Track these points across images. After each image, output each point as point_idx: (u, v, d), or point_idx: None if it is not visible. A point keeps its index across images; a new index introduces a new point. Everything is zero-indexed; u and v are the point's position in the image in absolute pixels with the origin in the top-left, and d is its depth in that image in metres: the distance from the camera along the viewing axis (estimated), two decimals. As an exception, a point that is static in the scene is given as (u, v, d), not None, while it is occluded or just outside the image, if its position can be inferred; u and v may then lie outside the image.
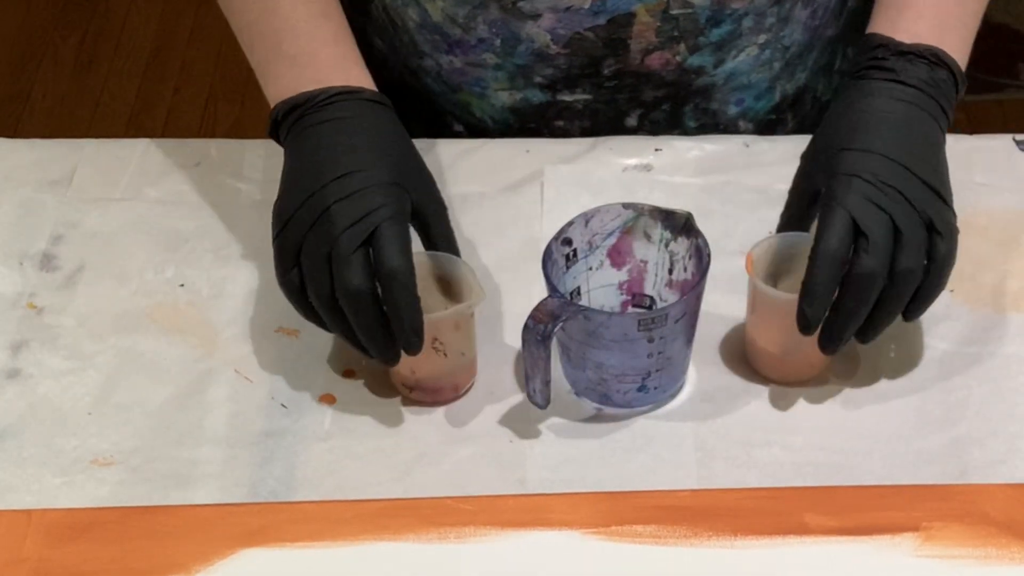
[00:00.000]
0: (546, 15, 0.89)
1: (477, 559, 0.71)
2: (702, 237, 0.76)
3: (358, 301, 0.74)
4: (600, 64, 0.91)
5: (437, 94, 0.96)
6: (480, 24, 0.91)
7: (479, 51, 0.92)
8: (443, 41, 0.92)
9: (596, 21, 0.89)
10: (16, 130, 2.13)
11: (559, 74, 0.92)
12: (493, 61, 0.92)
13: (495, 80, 0.94)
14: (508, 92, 0.94)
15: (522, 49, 0.91)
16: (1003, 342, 0.81)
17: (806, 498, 0.73)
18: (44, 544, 0.71)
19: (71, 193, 0.91)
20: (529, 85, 0.93)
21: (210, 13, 2.39)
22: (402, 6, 0.93)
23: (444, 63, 0.94)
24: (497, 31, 0.91)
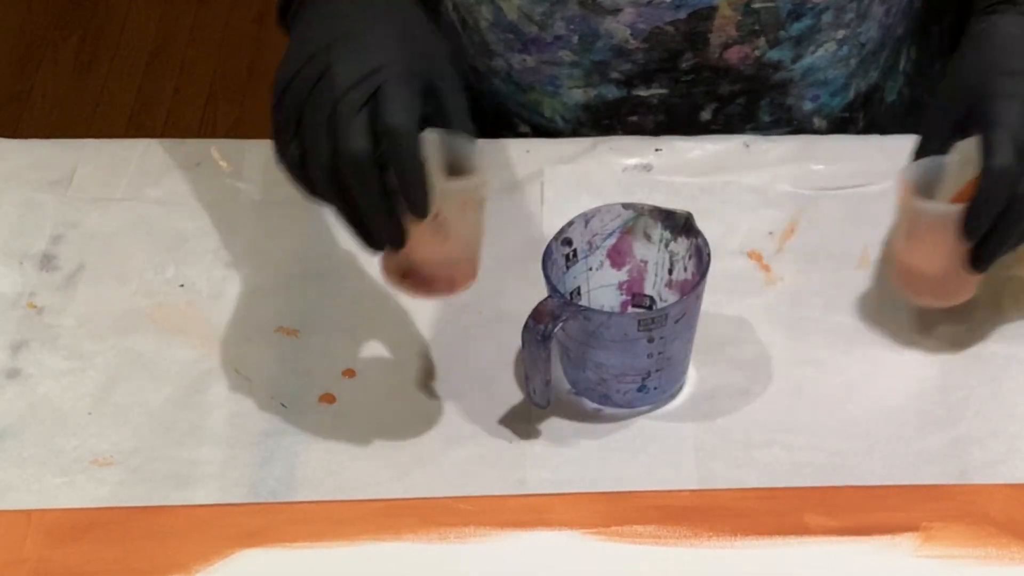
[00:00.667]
0: (627, 10, 0.89)
1: (477, 559, 0.71)
2: (702, 237, 0.76)
3: (358, 166, 0.69)
4: (678, 58, 0.91)
5: (505, 95, 0.96)
6: (558, 21, 0.90)
7: (555, 49, 0.92)
8: (516, 40, 0.92)
9: (677, 15, 0.89)
10: (16, 130, 2.12)
11: (636, 69, 0.92)
12: (569, 58, 0.92)
13: (569, 78, 0.93)
14: (582, 89, 0.94)
15: (600, 45, 0.91)
16: (1003, 342, 0.81)
17: (806, 498, 0.73)
18: (44, 544, 0.71)
19: (71, 193, 0.91)
20: (604, 81, 0.93)
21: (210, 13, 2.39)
22: (475, 4, 0.92)
23: (516, 62, 0.94)
24: (575, 27, 0.90)
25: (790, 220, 0.88)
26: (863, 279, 0.84)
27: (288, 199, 0.90)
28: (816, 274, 0.85)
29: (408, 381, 0.80)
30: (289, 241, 0.88)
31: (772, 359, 0.80)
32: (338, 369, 0.81)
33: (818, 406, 0.78)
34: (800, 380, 0.79)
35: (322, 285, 0.85)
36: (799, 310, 0.83)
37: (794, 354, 0.81)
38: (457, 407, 0.79)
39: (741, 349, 0.81)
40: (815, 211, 0.88)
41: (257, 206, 0.90)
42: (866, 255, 0.86)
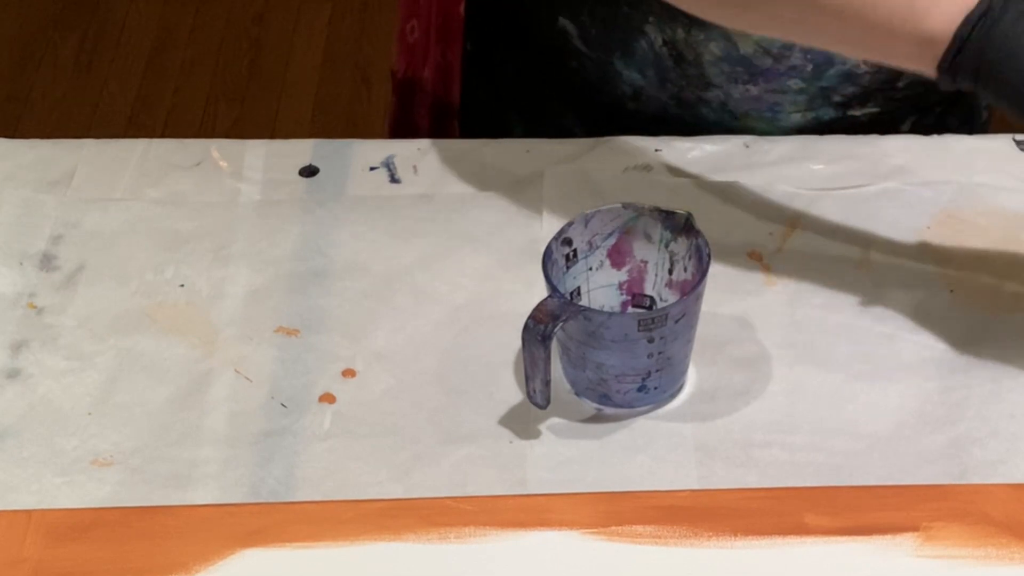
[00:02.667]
0: None
1: (477, 559, 0.71)
2: (702, 237, 0.76)
3: None
4: (899, 78, 0.93)
5: (711, 123, 0.96)
6: (795, 52, 0.91)
7: (786, 78, 0.93)
8: (745, 72, 0.93)
9: None
10: (16, 130, 2.12)
11: (858, 91, 0.93)
12: (797, 87, 0.93)
13: (792, 104, 0.94)
14: (802, 113, 0.95)
15: (831, 72, 0.92)
16: (1003, 342, 0.81)
17: (806, 498, 0.73)
18: (44, 544, 0.71)
19: (71, 193, 0.91)
20: (825, 104, 0.94)
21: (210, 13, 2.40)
22: (702, 41, 0.93)
23: (736, 93, 0.94)
24: (812, 57, 0.91)
25: (790, 220, 0.88)
26: (863, 279, 0.84)
27: (288, 199, 0.90)
28: (816, 274, 0.85)
29: (408, 381, 0.80)
30: (289, 241, 0.88)
31: (772, 359, 0.80)
32: (338, 369, 0.81)
33: (818, 406, 0.78)
34: (800, 380, 0.79)
35: (322, 285, 0.85)
36: (799, 310, 0.83)
37: (794, 354, 0.81)
38: (457, 407, 0.79)
39: (741, 349, 0.81)
40: (815, 211, 0.88)
41: (257, 206, 0.90)
42: (866, 255, 0.86)
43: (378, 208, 0.89)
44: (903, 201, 0.89)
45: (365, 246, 0.87)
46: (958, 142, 0.93)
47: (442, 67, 1.04)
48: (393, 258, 0.86)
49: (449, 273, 0.85)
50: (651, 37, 0.94)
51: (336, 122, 2.19)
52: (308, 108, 2.22)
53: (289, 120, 2.17)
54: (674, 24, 0.92)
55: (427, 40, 1.04)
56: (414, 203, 0.89)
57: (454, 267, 0.86)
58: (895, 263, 0.85)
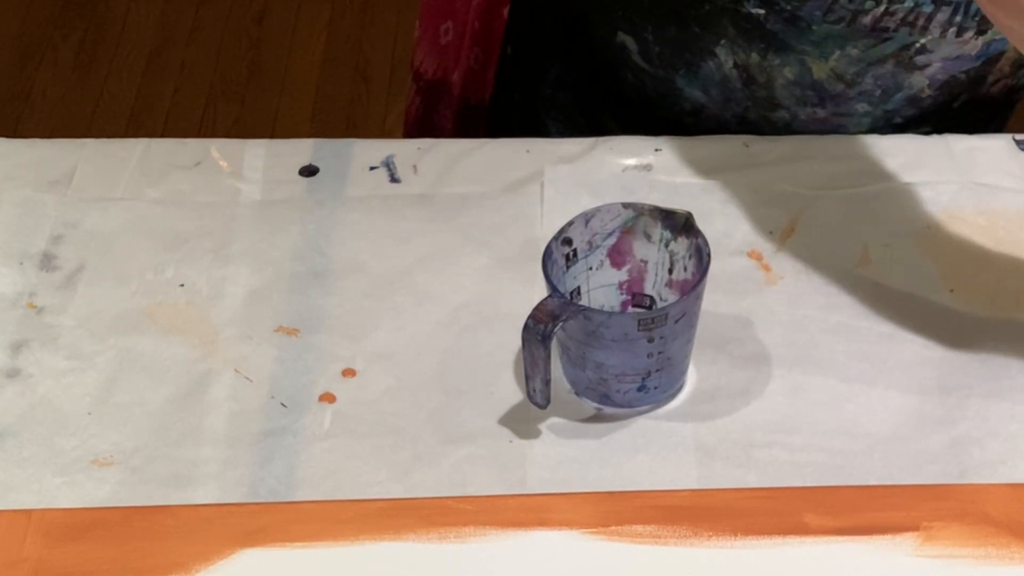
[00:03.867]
0: (935, 64, 0.91)
1: (477, 559, 0.71)
2: (702, 237, 0.76)
3: None
4: (956, 99, 0.94)
5: None
6: (867, 79, 0.92)
7: (854, 102, 0.93)
8: (815, 95, 0.93)
9: (974, 64, 0.91)
10: (16, 130, 2.13)
11: (917, 113, 0.94)
12: (864, 110, 0.94)
13: (855, 125, 0.95)
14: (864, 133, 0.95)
15: (898, 96, 0.93)
16: (1003, 342, 0.81)
17: (806, 498, 0.73)
18: (44, 544, 0.71)
19: (71, 193, 0.91)
20: (886, 126, 0.95)
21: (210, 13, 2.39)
22: (777, 66, 0.93)
23: (803, 115, 0.95)
24: (881, 83, 0.92)
25: (790, 220, 0.88)
26: (863, 279, 0.84)
27: (288, 199, 0.90)
28: (816, 274, 0.85)
29: (408, 381, 0.80)
30: (289, 241, 0.88)
31: (772, 359, 0.80)
32: (338, 369, 0.81)
33: (818, 406, 0.78)
34: (800, 380, 0.79)
35: (322, 285, 0.85)
36: (799, 310, 0.83)
37: (794, 354, 0.81)
38: (457, 407, 0.79)
39: (741, 349, 0.81)
40: (815, 211, 0.88)
41: (257, 206, 0.90)
42: (866, 255, 0.86)
43: (378, 208, 0.89)
44: (903, 201, 0.89)
45: (365, 246, 0.87)
46: (958, 142, 0.93)
47: (474, 70, 1.04)
48: (393, 258, 0.86)
49: (449, 273, 0.85)
50: (721, 59, 0.94)
51: (336, 122, 2.19)
52: (308, 108, 2.22)
53: (289, 120, 2.17)
54: (749, 48, 0.92)
55: (461, 42, 1.04)
56: (414, 203, 0.89)
57: (454, 267, 0.86)
58: (895, 263, 0.85)
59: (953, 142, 0.93)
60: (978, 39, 0.89)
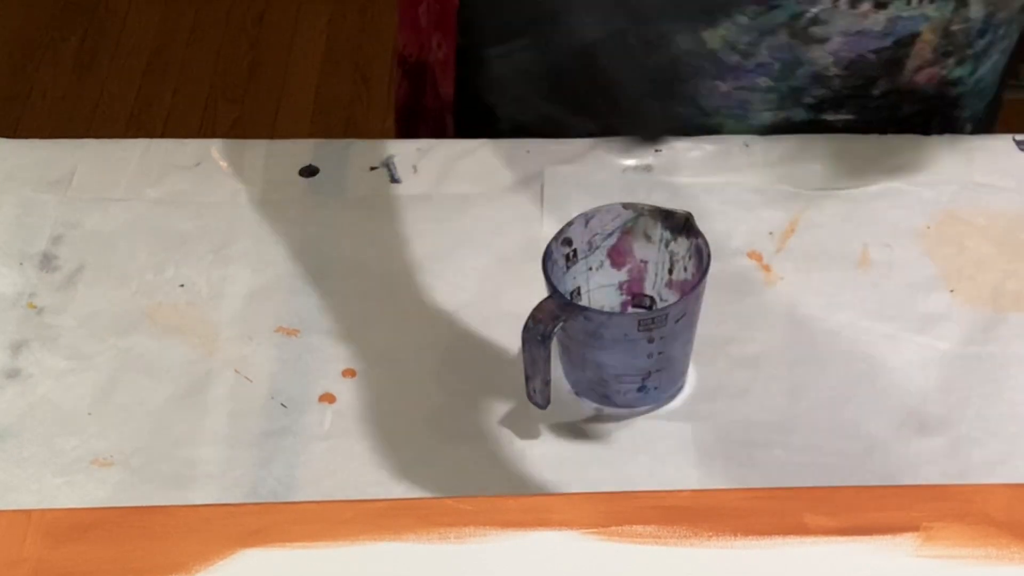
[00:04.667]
0: (835, 39, 0.89)
1: (477, 559, 0.71)
2: (702, 237, 0.76)
3: None
4: (873, 84, 0.92)
5: (685, 119, 0.96)
6: (763, 50, 0.90)
7: (754, 76, 0.92)
8: (713, 67, 0.92)
9: (882, 43, 0.90)
10: (16, 130, 2.13)
11: (830, 95, 0.93)
12: (766, 84, 0.92)
13: (762, 102, 0.93)
14: (773, 112, 0.94)
15: (801, 72, 0.91)
16: (1003, 342, 0.81)
17: (806, 498, 0.73)
18: (44, 544, 0.71)
19: (71, 193, 0.91)
20: (796, 105, 0.94)
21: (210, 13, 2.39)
22: (668, 34, 0.92)
23: (705, 89, 0.93)
24: (779, 55, 0.91)
25: (790, 220, 0.88)
26: (863, 279, 0.84)
27: (288, 199, 0.90)
28: (816, 274, 0.85)
29: (408, 381, 0.80)
30: (289, 241, 0.88)
31: (772, 359, 0.80)
32: (338, 369, 0.81)
33: (818, 406, 0.78)
34: (800, 380, 0.79)
35: (322, 285, 0.85)
36: (799, 310, 0.83)
37: (794, 354, 0.81)
38: (457, 407, 0.79)
39: (741, 349, 0.81)
40: (815, 211, 0.88)
41: (257, 206, 0.90)
42: (866, 255, 0.86)
43: (378, 208, 0.89)
44: (903, 201, 0.89)
45: (365, 246, 0.87)
46: (958, 142, 0.93)
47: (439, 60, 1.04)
48: (393, 258, 0.86)
49: (449, 273, 0.85)
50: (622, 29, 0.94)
51: (336, 122, 2.19)
52: (308, 108, 2.22)
53: (289, 120, 2.17)
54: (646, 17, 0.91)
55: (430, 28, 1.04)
56: (414, 203, 0.89)
57: (454, 267, 0.86)
58: (895, 263, 0.85)
59: (953, 142, 0.93)
60: (878, 13, 0.88)
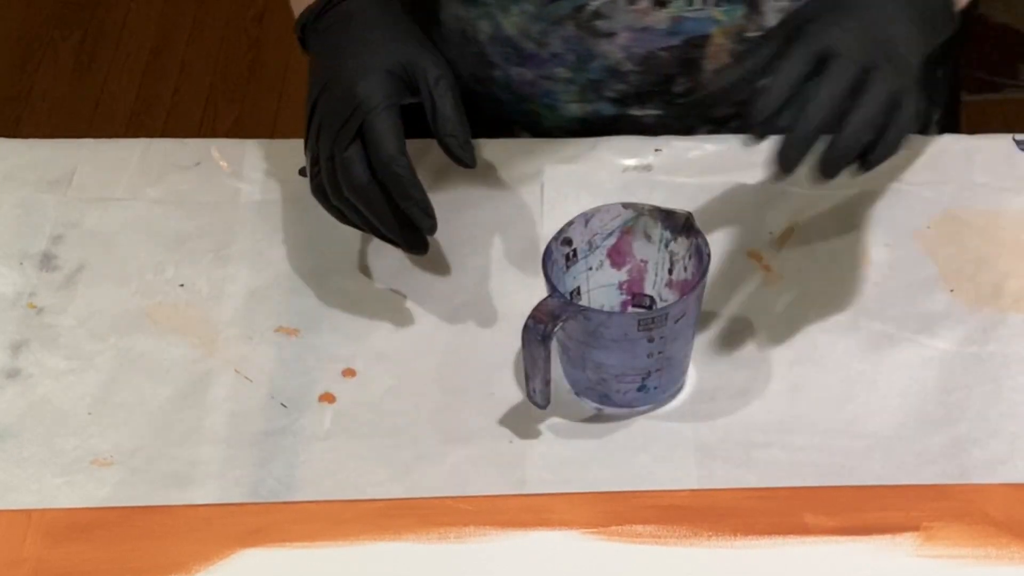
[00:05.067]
0: (622, 33, 0.90)
1: (477, 559, 0.71)
2: (702, 237, 0.76)
3: (365, 195, 0.78)
4: (672, 82, 0.92)
5: (505, 103, 0.96)
6: (555, 40, 0.91)
7: (552, 65, 0.92)
8: (515, 54, 0.93)
9: (671, 41, 0.90)
10: (16, 130, 2.12)
11: (631, 90, 0.93)
12: (565, 75, 0.93)
13: (566, 93, 0.94)
14: (579, 104, 0.94)
15: (595, 65, 0.92)
16: (1003, 342, 0.81)
17: (806, 498, 0.73)
18: (44, 544, 0.71)
19: (71, 193, 0.91)
20: (600, 99, 0.94)
21: (210, 13, 2.39)
22: (475, 19, 0.93)
23: (514, 75, 0.94)
24: (571, 47, 0.91)
25: (790, 220, 0.88)
26: (863, 279, 0.84)
27: (288, 199, 0.90)
28: (816, 274, 0.85)
29: (408, 381, 0.80)
30: (289, 241, 0.88)
31: (772, 359, 0.80)
32: (338, 369, 0.81)
33: (818, 406, 0.78)
34: (800, 380, 0.79)
35: (322, 285, 0.85)
36: (799, 310, 0.83)
37: (794, 354, 0.81)
38: (457, 407, 0.79)
39: (741, 349, 0.81)
40: (815, 211, 0.88)
41: (257, 206, 0.90)
42: (866, 255, 0.86)
43: (378, 208, 0.89)
44: (903, 201, 0.89)
45: (365, 246, 0.87)
46: (958, 142, 0.93)
47: None
48: (393, 258, 0.86)
49: (449, 273, 0.85)
50: (449, 13, 0.95)
51: (336, 122, 2.18)
52: (308, 108, 2.21)
53: (289, 120, 2.17)
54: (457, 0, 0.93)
55: None
56: (414, 203, 0.89)
57: (454, 267, 0.86)
58: (895, 263, 0.85)
59: (953, 142, 0.93)
60: (660, 11, 0.89)
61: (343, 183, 0.79)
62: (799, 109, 0.72)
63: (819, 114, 0.72)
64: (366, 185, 0.78)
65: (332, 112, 0.79)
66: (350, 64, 0.80)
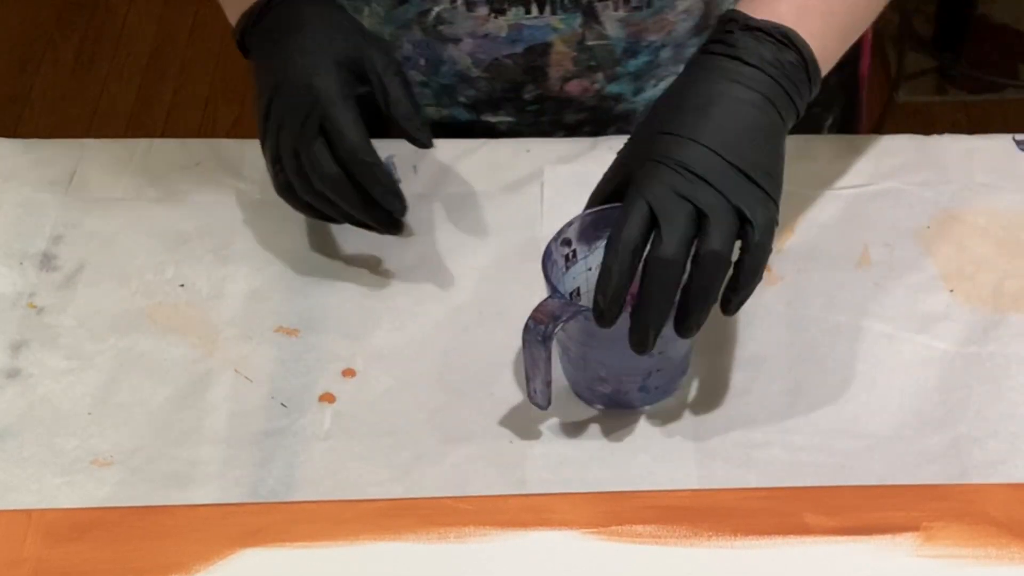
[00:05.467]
0: (465, 40, 0.91)
1: (477, 559, 0.71)
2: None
3: (335, 185, 0.80)
4: (521, 89, 0.93)
5: None
6: (405, 43, 0.92)
7: (406, 67, 0.93)
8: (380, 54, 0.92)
9: (514, 49, 0.91)
10: (16, 130, 2.12)
11: (482, 96, 0.94)
12: (419, 78, 0.94)
13: (422, 97, 0.95)
14: (435, 108, 0.96)
15: (445, 70, 0.93)
16: (1003, 342, 0.81)
17: (806, 498, 0.73)
18: (44, 544, 0.71)
19: (71, 193, 0.91)
20: (454, 104, 0.95)
21: (210, 13, 2.39)
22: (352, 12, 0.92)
23: None
24: (421, 51, 0.92)
25: (790, 220, 0.88)
26: (863, 279, 0.84)
27: (288, 199, 0.90)
28: (816, 274, 0.85)
29: (408, 381, 0.80)
30: (289, 241, 0.88)
31: (772, 359, 0.80)
32: (338, 369, 0.81)
33: (818, 406, 0.78)
34: (800, 380, 0.79)
35: (322, 285, 0.85)
36: (799, 310, 0.83)
37: (794, 354, 0.81)
38: (457, 407, 0.79)
39: (741, 349, 0.81)
40: (815, 211, 0.88)
41: (257, 206, 0.90)
42: (866, 255, 0.86)
43: (378, 208, 0.89)
44: (903, 201, 0.89)
45: (365, 246, 0.87)
46: (958, 142, 0.93)
47: None
48: (393, 258, 0.86)
49: (449, 273, 0.85)
50: None
51: (336, 122, 2.18)
52: (308, 108, 2.21)
53: (289, 120, 2.17)
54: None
55: None
56: (414, 203, 0.89)
57: (454, 267, 0.86)
58: (895, 263, 0.85)
59: (953, 142, 0.93)
60: (498, 18, 0.89)
61: (313, 176, 0.80)
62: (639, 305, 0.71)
63: (658, 309, 0.70)
64: (335, 176, 0.80)
65: (291, 110, 0.80)
66: (300, 61, 0.81)
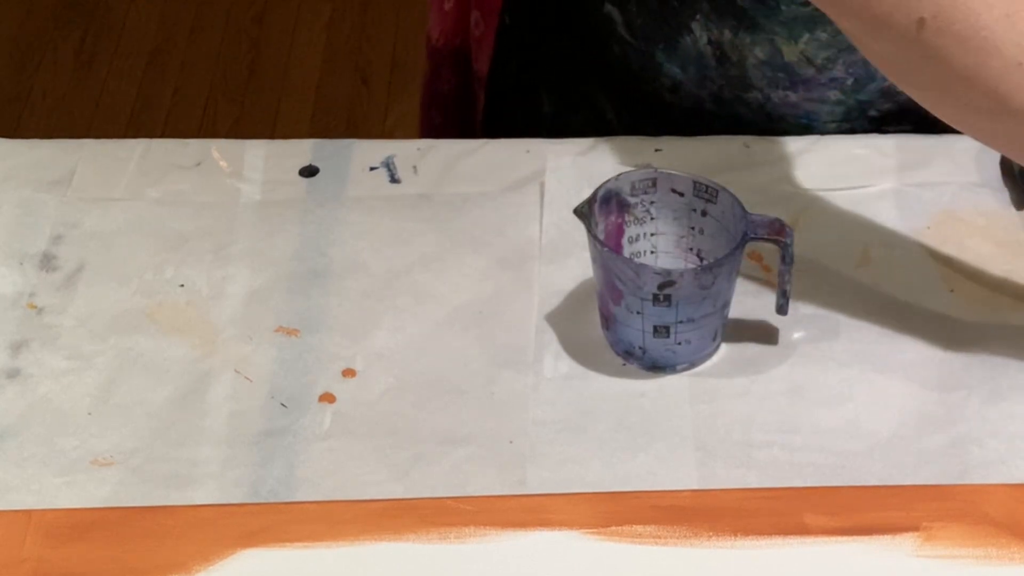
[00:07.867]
0: None
1: (477, 559, 0.71)
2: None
3: None
4: None
5: (746, 123, 0.96)
6: (839, 65, 0.92)
7: (826, 89, 0.93)
8: (787, 78, 0.93)
9: None
10: (16, 130, 2.13)
11: (894, 108, 0.94)
12: (836, 98, 0.94)
13: (829, 114, 0.95)
14: (837, 124, 0.95)
15: (872, 87, 0.93)
16: (1003, 342, 0.81)
17: (806, 498, 0.73)
18: (44, 544, 0.71)
19: (71, 193, 0.91)
20: (861, 118, 0.95)
21: (210, 13, 2.40)
22: (748, 44, 0.93)
23: (775, 97, 0.94)
24: (853, 71, 0.92)
25: (790, 220, 0.88)
26: (863, 279, 0.84)
27: (288, 199, 0.90)
28: (816, 274, 0.85)
29: (408, 381, 0.80)
30: (289, 241, 0.88)
31: (772, 359, 0.80)
32: (338, 369, 0.81)
33: (818, 406, 0.78)
34: (800, 380, 0.79)
35: (322, 285, 0.85)
36: (799, 310, 0.83)
37: (794, 354, 0.81)
38: (457, 407, 0.79)
39: (741, 349, 0.81)
40: (815, 211, 0.88)
41: (257, 206, 0.90)
42: (866, 255, 0.86)
43: (378, 208, 0.89)
44: (903, 201, 0.89)
45: (365, 246, 0.87)
46: (958, 142, 0.93)
47: (475, 36, 1.04)
48: (393, 258, 0.86)
49: (449, 273, 0.85)
50: (696, 34, 0.94)
51: (336, 122, 2.19)
52: (308, 108, 2.22)
53: (289, 120, 2.17)
54: (722, 25, 0.92)
55: (462, 9, 1.05)
56: (414, 203, 0.89)
57: (454, 267, 0.86)
58: (895, 263, 0.85)
59: (953, 142, 0.93)
60: None
61: None
62: None
63: None
64: None
65: None
66: None
